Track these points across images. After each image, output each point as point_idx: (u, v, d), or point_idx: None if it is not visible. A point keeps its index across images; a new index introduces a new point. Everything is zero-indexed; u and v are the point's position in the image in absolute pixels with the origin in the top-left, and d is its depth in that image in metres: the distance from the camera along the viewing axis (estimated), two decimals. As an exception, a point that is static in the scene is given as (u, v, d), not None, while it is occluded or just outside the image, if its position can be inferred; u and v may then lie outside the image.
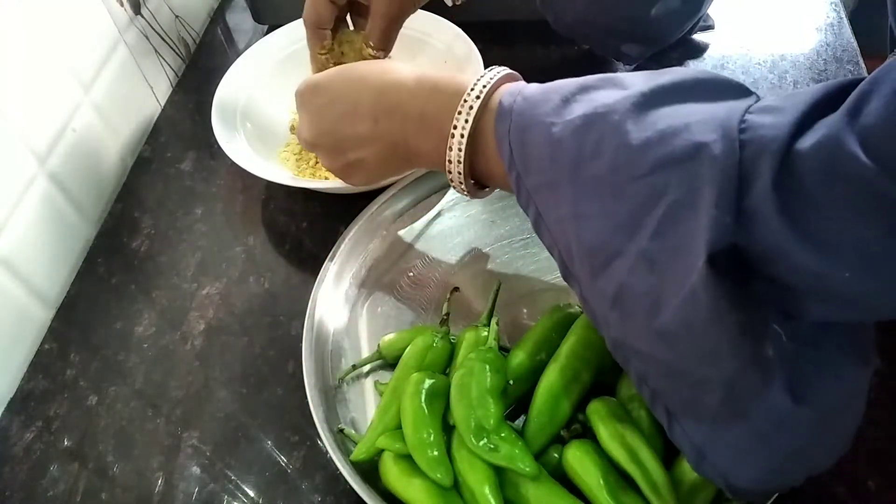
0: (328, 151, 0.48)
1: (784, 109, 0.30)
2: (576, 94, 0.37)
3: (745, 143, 0.30)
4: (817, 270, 0.29)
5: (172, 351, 0.56)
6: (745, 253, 0.31)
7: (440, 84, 0.42)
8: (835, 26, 0.72)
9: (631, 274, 0.34)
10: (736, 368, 0.32)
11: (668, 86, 0.34)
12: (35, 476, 0.50)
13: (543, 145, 0.36)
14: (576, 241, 0.36)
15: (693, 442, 0.36)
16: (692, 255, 0.31)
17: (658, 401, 0.37)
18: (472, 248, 0.57)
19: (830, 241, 0.29)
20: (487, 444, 0.41)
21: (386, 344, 0.50)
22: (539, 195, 0.38)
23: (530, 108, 0.37)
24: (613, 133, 0.34)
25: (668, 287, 0.33)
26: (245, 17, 0.83)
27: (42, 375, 0.55)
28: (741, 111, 0.31)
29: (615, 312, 0.36)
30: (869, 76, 0.28)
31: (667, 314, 0.33)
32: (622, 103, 0.34)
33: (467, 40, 0.66)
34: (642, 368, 0.37)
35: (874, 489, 0.43)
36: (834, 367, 0.34)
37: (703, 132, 0.31)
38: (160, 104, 0.76)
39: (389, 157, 0.46)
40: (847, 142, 0.27)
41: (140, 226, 0.65)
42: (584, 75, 0.38)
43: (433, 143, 0.42)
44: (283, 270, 0.60)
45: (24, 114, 0.57)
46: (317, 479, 0.48)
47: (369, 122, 0.45)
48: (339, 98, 0.46)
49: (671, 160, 0.32)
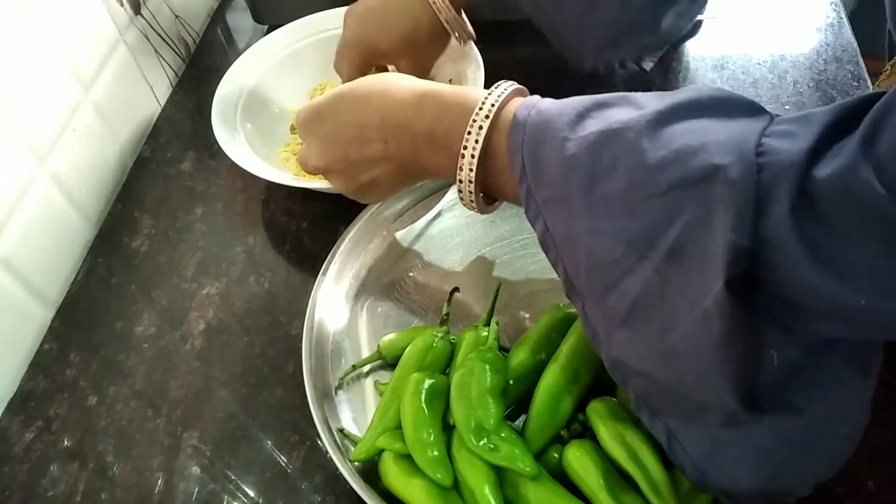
0: (340, 176, 0.48)
1: (800, 134, 0.30)
2: (591, 111, 0.36)
3: (763, 167, 0.30)
4: (833, 296, 0.29)
5: (172, 351, 0.56)
6: (756, 275, 0.31)
7: (445, 101, 0.42)
8: (835, 26, 0.72)
9: (644, 292, 0.34)
10: (732, 400, 0.32)
11: (685, 103, 0.34)
12: (35, 476, 0.50)
13: (557, 160, 0.36)
14: (586, 257, 0.36)
15: (693, 460, 0.36)
16: (707, 277, 0.31)
17: (657, 420, 0.37)
18: (472, 248, 0.57)
19: (847, 268, 0.28)
20: (487, 444, 0.41)
21: (386, 344, 0.50)
22: (549, 209, 0.38)
23: (544, 122, 0.37)
24: (629, 151, 0.34)
25: (680, 308, 0.33)
26: (245, 16, 0.83)
27: (42, 375, 0.55)
28: (757, 133, 0.31)
29: (623, 330, 0.36)
30: (881, 100, 0.28)
31: (677, 334, 0.33)
32: (638, 121, 0.34)
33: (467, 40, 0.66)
34: (643, 388, 0.37)
35: (874, 489, 0.43)
36: (833, 378, 0.34)
37: (720, 154, 0.31)
38: (160, 104, 0.76)
39: (402, 175, 0.46)
40: (862, 171, 0.27)
41: (140, 226, 0.65)
42: (582, 75, 0.38)
43: (444, 161, 0.42)
44: (283, 270, 0.60)
45: (24, 114, 0.57)
46: (317, 479, 0.48)
47: (379, 143, 0.44)
48: (345, 123, 0.45)
49: (687, 181, 0.32)
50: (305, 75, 0.70)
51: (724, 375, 0.32)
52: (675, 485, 0.39)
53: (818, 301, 0.30)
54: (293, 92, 0.70)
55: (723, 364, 0.32)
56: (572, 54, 0.61)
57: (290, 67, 0.69)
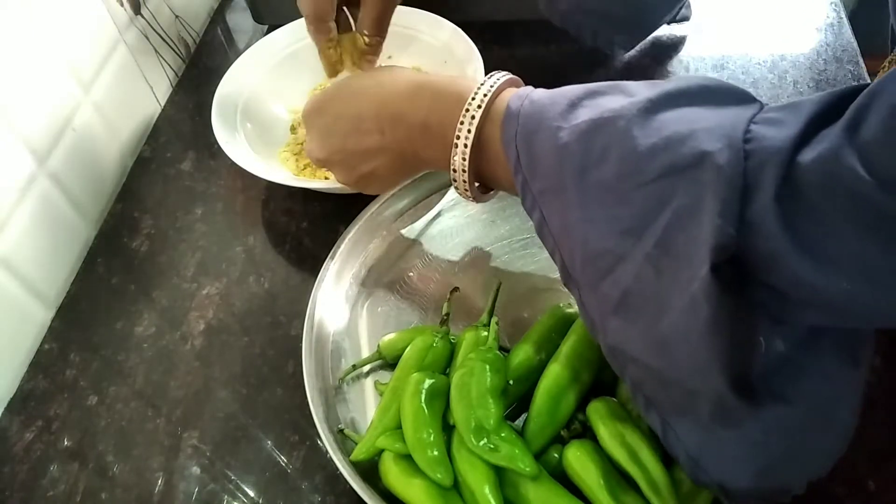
0: (341, 167, 0.49)
1: (787, 122, 0.30)
2: (583, 99, 0.37)
3: (750, 153, 0.30)
4: (816, 282, 0.29)
5: (172, 351, 0.56)
6: (744, 261, 0.31)
7: (440, 91, 0.42)
8: (835, 26, 0.72)
9: (636, 279, 0.34)
10: (723, 386, 0.32)
11: (675, 92, 0.34)
12: (35, 476, 0.50)
13: (550, 150, 0.36)
14: (581, 245, 0.36)
15: (687, 449, 0.36)
16: (695, 263, 0.31)
17: (652, 408, 0.38)
18: (472, 248, 0.57)
19: (830, 254, 0.29)
20: (487, 444, 0.41)
21: (386, 344, 0.50)
22: (544, 199, 0.38)
23: (537, 112, 0.37)
24: (620, 139, 0.34)
25: (671, 294, 0.33)
26: (245, 16, 0.83)
27: (42, 375, 0.55)
28: (746, 120, 0.31)
29: (617, 318, 0.36)
30: (867, 88, 0.28)
31: (667, 321, 0.33)
32: (629, 109, 0.34)
33: (467, 40, 0.66)
34: (638, 376, 0.37)
35: (874, 489, 0.43)
36: (823, 368, 0.34)
37: (709, 140, 0.31)
38: (160, 104, 0.76)
39: (400, 165, 0.47)
40: (846, 156, 0.27)
41: (140, 226, 0.65)
42: (582, 74, 0.38)
43: (439, 151, 0.42)
44: (283, 270, 0.60)
45: (23, 113, 0.56)
46: (317, 480, 0.48)
47: (376, 134, 0.45)
48: (343, 115, 0.46)
49: (677, 168, 0.32)
50: (305, 75, 0.70)
51: (714, 360, 0.32)
52: (676, 485, 0.39)
53: (802, 288, 0.30)
54: (293, 92, 0.70)
55: (711, 349, 0.32)
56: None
57: (291, 67, 0.69)
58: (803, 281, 0.29)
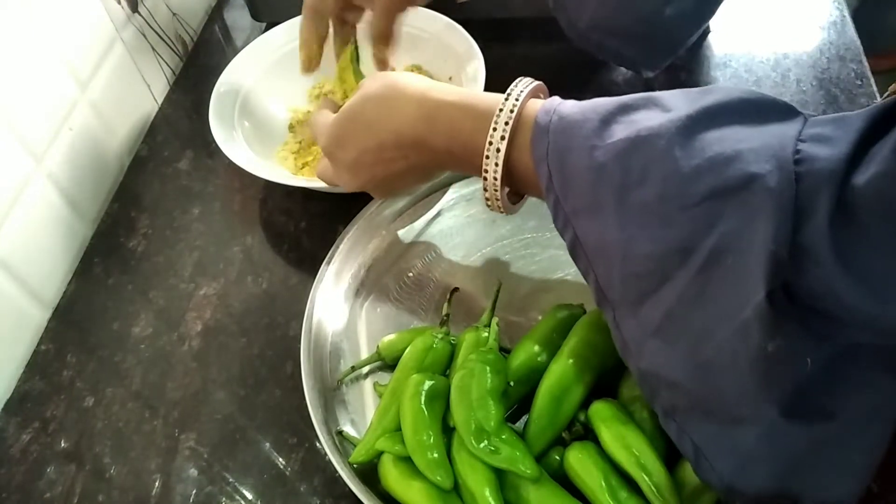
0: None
1: (836, 139, 0.30)
2: (616, 115, 0.36)
3: (801, 175, 0.29)
4: (870, 311, 0.29)
5: (170, 352, 0.55)
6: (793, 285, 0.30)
7: (456, 117, 0.41)
8: (838, 24, 0.71)
9: (680, 302, 0.34)
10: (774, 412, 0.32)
11: (714, 107, 0.34)
12: (32, 478, 0.49)
13: (585, 169, 0.36)
14: (620, 266, 0.36)
15: (722, 476, 0.35)
16: (746, 288, 0.31)
17: (685, 436, 0.36)
18: (472, 248, 0.57)
19: (885, 281, 0.28)
20: (488, 445, 0.40)
21: (385, 345, 0.50)
22: (578, 219, 0.37)
23: (568, 129, 0.37)
24: (661, 159, 0.33)
25: (717, 318, 0.32)
26: (243, 14, 0.83)
27: (39, 377, 0.55)
28: (793, 139, 0.31)
29: (656, 340, 0.35)
30: None
31: (713, 346, 0.33)
32: (667, 127, 0.33)
33: (467, 37, 0.65)
34: (671, 402, 0.36)
35: (876, 490, 0.43)
36: (866, 381, 0.33)
37: (757, 162, 0.30)
38: (157, 102, 0.75)
39: (429, 176, 0.51)
40: None
41: (137, 225, 0.64)
42: (583, 72, 0.38)
43: (468, 169, 0.42)
44: (282, 271, 0.59)
45: (20, 112, 0.56)
46: (315, 482, 0.47)
47: (401, 161, 0.45)
48: (366, 149, 0.45)
49: (723, 190, 0.31)
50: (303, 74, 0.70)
51: (764, 387, 0.31)
52: (678, 487, 0.39)
53: (852, 313, 0.29)
54: (291, 90, 0.69)
55: (762, 376, 0.31)
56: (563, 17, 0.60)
57: (289, 65, 0.69)
58: (857, 308, 0.29)
